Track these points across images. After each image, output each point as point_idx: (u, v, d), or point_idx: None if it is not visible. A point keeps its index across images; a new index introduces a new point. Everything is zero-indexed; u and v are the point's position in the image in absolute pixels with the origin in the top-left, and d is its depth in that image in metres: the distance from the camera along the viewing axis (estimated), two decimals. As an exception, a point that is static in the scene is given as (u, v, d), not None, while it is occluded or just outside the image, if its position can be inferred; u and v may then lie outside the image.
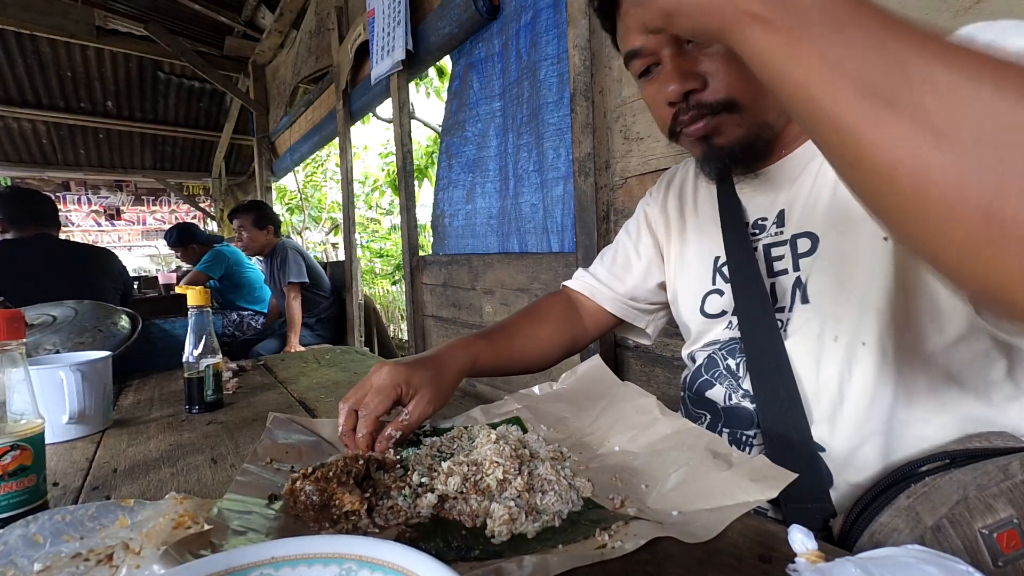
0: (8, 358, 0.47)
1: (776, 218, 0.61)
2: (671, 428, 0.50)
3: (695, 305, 0.68)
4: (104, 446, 0.69)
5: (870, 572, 0.23)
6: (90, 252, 2.01)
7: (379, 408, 0.56)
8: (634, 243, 0.81)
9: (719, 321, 0.65)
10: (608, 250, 0.85)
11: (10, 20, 3.40)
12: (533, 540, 0.40)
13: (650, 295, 0.80)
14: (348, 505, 0.43)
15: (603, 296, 0.80)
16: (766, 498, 0.37)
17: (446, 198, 2.16)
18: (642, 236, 0.80)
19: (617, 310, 0.80)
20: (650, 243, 0.79)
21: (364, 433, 0.55)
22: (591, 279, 0.82)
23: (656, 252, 0.79)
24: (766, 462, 0.41)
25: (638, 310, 0.81)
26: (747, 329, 0.58)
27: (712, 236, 0.68)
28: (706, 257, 0.69)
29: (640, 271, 0.79)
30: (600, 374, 0.65)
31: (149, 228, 8.92)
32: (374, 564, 0.27)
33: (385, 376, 0.57)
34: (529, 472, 0.47)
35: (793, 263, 0.58)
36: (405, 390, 0.57)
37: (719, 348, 0.64)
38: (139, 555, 0.36)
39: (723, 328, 0.64)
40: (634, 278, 0.80)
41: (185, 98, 5.10)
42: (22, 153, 5.44)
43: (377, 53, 2.28)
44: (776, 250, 0.60)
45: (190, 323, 0.80)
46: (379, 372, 0.58)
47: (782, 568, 0.27)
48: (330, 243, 7.68)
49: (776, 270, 0.59)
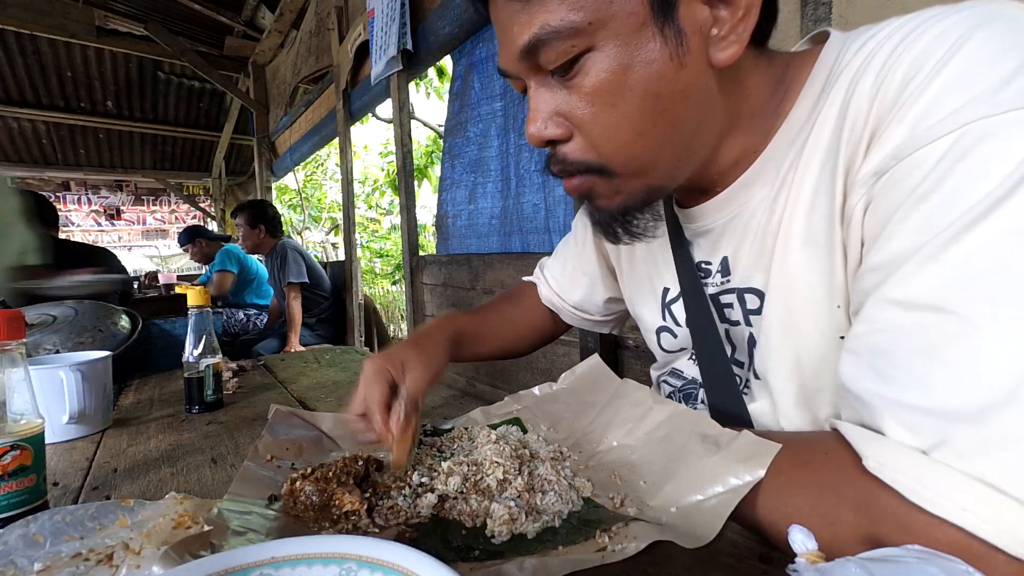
0: (8, 358, 0.47)
1: (720, 266, 0.53)
2: (664, 414, 0.50)
3: (653, 339, 0.65)
4: (104, 446, 0.69)
5: (870, 572, 0.23)
6: (88, 251, 2.02)
7: (377, 397, 0.54)
8: (581, 251, 0.75)
9: (681, 354, 0.62)
10: (564, 246, 0.80)
11: (10, 20, 3.40)
12: (533, 540, 0.40)
13: (600, 309, 0.76)
14: (348, 505, 0.43)
15: (558, 305, 0.79)
16: (755, 478, 0.37)
17: (449, 198, 2.16)
18: (587, 246, 0.74)
19: (572, 321, 0.79)
20: (594, 258, 0.73)
21: (381, 428, 0.52)
22: (545, 288, 0.80)
23: (602, 266, 0.73)
24: (752, 439, 0.40)
25: (592, 321, 0.78)
26: (710, 391, 0.54)
27: (659, 261, 0.61)
28: (655, 283, 0.62)
29: (585, 287, 0.75)
30: (599, 373, 0.65)
31: (149, 228, 8.91)
32: (374, 564, 0.27)
33: (371, 366, 0.56)
34: (529, 472, 0.47)
35: (744, 318, 0.51)
36: (395, 371, 0.56)
37: (679, 391, 0.61)
38: (139, 555, 0.36)
39: (687, 360, 0.61)
40: (581, 292, 0.76)
41: (185, 98, 5.10)
42: (22, 153, 5.44)
43: (376, 53, 2.29)
44: (725, 297, 0.53)
45: (190, 323, 0.80)
46: (365, 366, 0.57)
47: (782, 568, 0.27)
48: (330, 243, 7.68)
49: (730, 319, 0.53)
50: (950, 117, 0.32)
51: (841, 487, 0.33)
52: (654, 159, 0.44)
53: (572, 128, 0.44)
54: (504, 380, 1.93)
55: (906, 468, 0.30)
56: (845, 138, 0.39)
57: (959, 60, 0.33)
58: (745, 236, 0.49)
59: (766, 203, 0.47)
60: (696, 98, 0.42)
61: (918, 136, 0.33)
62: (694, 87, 0.41)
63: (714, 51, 0.41)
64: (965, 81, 0.32)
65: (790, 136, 0.45)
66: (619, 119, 0.41)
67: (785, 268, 0.45)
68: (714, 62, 0.41)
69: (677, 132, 0.43)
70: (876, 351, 0.33)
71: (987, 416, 0.28)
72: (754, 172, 0.48)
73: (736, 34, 0.40)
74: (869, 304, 0.35)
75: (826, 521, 0.33)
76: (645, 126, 0.42)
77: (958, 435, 0.28)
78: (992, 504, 0.27)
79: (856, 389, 0.34)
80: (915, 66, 0.35)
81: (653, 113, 0.41)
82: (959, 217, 0.30)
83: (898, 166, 0.34)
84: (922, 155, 0.33)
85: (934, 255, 0.31)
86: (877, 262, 0.35)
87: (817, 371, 0.44)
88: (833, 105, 0.41)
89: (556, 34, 0.39)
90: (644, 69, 0.40)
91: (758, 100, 0.47)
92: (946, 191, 0.31)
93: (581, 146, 0.44)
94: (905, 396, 0.31)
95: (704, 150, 0.47)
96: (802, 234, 0.43)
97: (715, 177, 0.50)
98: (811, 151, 0.43)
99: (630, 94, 0.40)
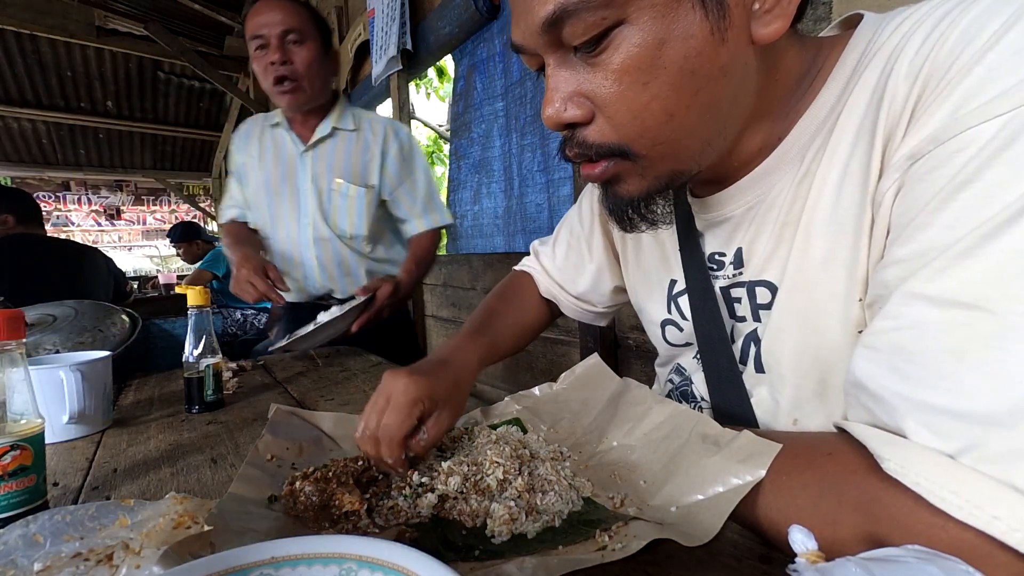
0: (8, 358, 0.47)
1: (734, 257, 0.51)
2: (664, 415, 0.50)
3: (657, 332, 0.62)
4: (104, 446, 0.69)
5: (871, 572, 0.23)
6: (76, 249, 2.01)
7: (404, 431, 0.48)
8: (587, 238, 0.71)
9: (686, 350, 0.60)
10: (562, 233, 0.76)
11: (10, 20, 3.41)
12: (533, 540, 0.40)
13: (604, 299, 0.74)
14: (348, 505, 0.43)
15: (558, 296, 0.77)
16: (756, 478, 0.37)
17: (457, 199, 2.17)
18: (595, 233, 0.71)
19: (571, 312, 0.77)
20: (602, 244, 0.70)
21: (392, 462, 0.49)
22: (544, 278, 0.78)
23: (609, 253, 0.70)
24: (751, 438, 0.39)
25: (593, 313, 0.77)
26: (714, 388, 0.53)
27: (668, 253, 0.59)
28: (662, 275, 0.60)
29: (592, 275, 0.72)
30: (599, 373, 0.64)
31: (149, 228, 8.92)
32: (374, 564, 0.27)
33: (403, 392, 0.49)
34: (529, 472, 0.47)
35: (753, 313, 0.49)
36: (428, 406, 0.50)
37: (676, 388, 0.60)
38: (139, 555, 0.36)
39: (691, 357, 0.59)
40: (586, 281, 0.73)
41: (185, 98, 5.10)
42: (22, 153, 5.44)
43: (377, 53, 2.29)
44: (735, 291, 0.51)
45: (190, 323, 0.80)
46: (395, 385, 0.50)
47: (782, 568, 0.27)
48: (330, 243, 7.67)
49: (736, 314, 0.51)
50: (1000, 98, 0.29)
51: (843, 488, 0.33)
52: (684, 142, 0.41)
53: (594, 109, 0.40)
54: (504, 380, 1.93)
55: (931, 473, 0.28)
56: (883, 117, 0.36)
57: (1013, 36, 0.30)
58: (763, 226, 0.47)
59: (788, 191, 0.44)
60: (734, 78, 0.39)
61: (962, 118, 0.30)
62: (733, 66, 0.38)
63: (757, 26, 0.38)
64: (1020, 59, 0.29)
65: (817, 120, 0.43)
66: (649, 99, 0.38)
67: (806, 260, 0.43)
68: (756, 38, 0.38)
69: (710, 113, 0.40)
70: (900, 349, 0.31)
71: (1019, 421, 0.26)
72: (776, 158, 0.45)
73: (781, 7, 0.37)
74: (895, 299, 0.33)
75: (827, 521, 0.33)
76: (677, 107, 0.38)
77: (989, 440, 0.27)
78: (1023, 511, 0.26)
79: (875, 388, 0.32)
80: (964, 39, 0.31)
81: (688, 93, 0.38)
82: (1002, 210, 0.28)
83: (936, 150, 0.32)
84: (965, 139, 0.30)
85: (971, 249, 0.29)
86: (904, 254, 0.33)
87: (838, 366, 0.42)
88: (866, 87, 0.38)
89: (585, 4, 0.36)
90: (681, 44, 0.36)
91: (790, 82, 0.44)
92: (989, 180, 0.29)
93: (602, 128, 0.41)
94: (931, 397, 0.29)
95: (733, 133, 0.44)
96: (827, 221, 0.41)
97: (736, 164, 0.47)
98: (839, 135, 0.40)
99: (664, 72, 0.37)
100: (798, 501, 0.35)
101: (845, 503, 0.32)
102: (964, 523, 0.27)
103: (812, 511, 0.34)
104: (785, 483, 0.36)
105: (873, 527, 0.31)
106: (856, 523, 0.32)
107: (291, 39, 1.15)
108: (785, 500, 0.36)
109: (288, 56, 1.15)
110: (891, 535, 0.30)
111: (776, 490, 0.36)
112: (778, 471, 0.36)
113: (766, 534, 0.37)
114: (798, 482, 0.36)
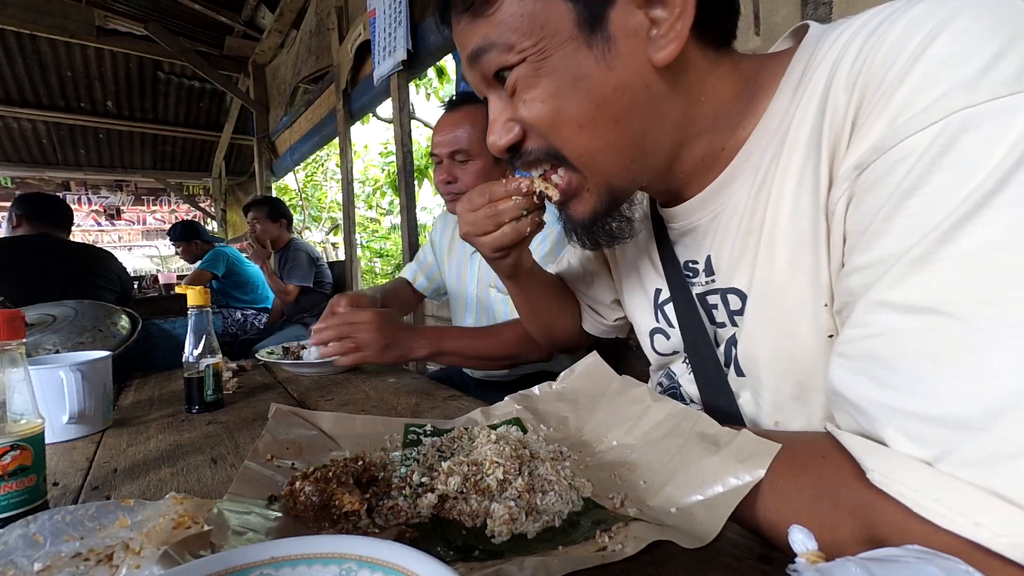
0: (8, 358, 0.47)
1: (705, 265, 0.54)
2: (663, 413, 0.50)
3: (646, 341, 0.65)
4: (104, 446, 0.69)
5: (871, 572, 0.23)
6: (86, 251, 2.01)
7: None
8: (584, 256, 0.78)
9: (674, 357, 0.62)
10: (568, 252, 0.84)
11: (10, 20, 3.40)
12: (533, 540, 0.40)
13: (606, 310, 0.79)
14: (348, 505, 0.43)
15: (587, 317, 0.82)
16: (755, 479, 0.37)
17: (453, 199, 2.16)
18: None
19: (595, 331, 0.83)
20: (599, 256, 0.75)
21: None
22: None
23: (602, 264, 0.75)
24: (751, 438, 0.39)
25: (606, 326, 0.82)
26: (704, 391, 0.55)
27: (649, 263, 0.62)
28: (647, 285, 0.63)
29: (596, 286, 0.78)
30: (598, 371, 0.64)
31: (149, 228, 8.92)
32: (374, 564, 0.27)
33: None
34: (529, 472, 0.47)
35: (729, 318, 0.52)
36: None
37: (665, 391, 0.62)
38: (139, 555, 0.36)
39: (681, 363, 0.61)
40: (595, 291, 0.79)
41: (185, 98, 5.09)
42: (22, 153, 5.44)
43: (379, 53, 2.29)
44: (711, 298, 0.54)
45: (190, 323, 0.80)
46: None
47: (782, 568, 0.27)
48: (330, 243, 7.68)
49: (716, 320, 0.54)
50: (932, 107, 0.31)
51: (838, 493, 0.33)
52: (604, 155, 0.47)
53: (524, 129, 0.48)
54: (504, 380, 1.92)
55: (912, 481, 0.28)
56: (827, 128, 0.38)
57: (939, 45, 0.31)
58: (727, 233, 0.50)
59: (747, 200, 0.47)
60: (637, 97, 0.44)
61: (899, 128, 0.32)
62: (630, 86, 0.44)
63: (653, 51, 0.43)
64: (947, 68, 0.31)
65: (769, 131, 0.45)
66: (555, 114, 0.45)
67: (772, 268, 0.45)
68: (655, 61, 0.43)
69: (620, 129, 0.45)
70: (872, 357, 0.32)
71: (994, 424, 0.26)
72: (733, 169, 0.49)
73: (675, 31, 0.42)
74: (860, 307, 0.34)
75: (824, 524, 0.33)
76: (584, 120, 0.45)
77: (964, 444, 0.27)
78: (1005, 516, 0.26)
79: (852, 397, 0.33)
80: (894, 51, 0.33)
81: (589, 108, 0.44)
82: (949, 214, 0.29)
83: (880, 160, 0.33)
84: (905, 147, 0.32)
85: (927, 255, 0.30)
86: (864, 261, 0.34)
87: (814, 369, 0.43)
88: (812, 98, 0.40)
89: (493, 46, 0.45)
90: (567, 72, 0.44)
91: (720, 100, 0.47)
92: (933, 186, 0.30)
93: (534, 139, 0.49)
94: (907, 404, 0.30)
95: (662, 150, 0.48)
96: (788, 231, 0.43)
97: (683, 177, 0.52)
98: (791, 146, 0.42)
99: (560, 93, 0.44)
100: (795, 504, 0.35)
101: (841, 507, 0.32)
102: (949, 531, 0.27)
103: (810, 514, 0.34)
104: (782, 485, 0.36)
105: (870, 531, 0.31)
106: (853, 527, 0.32)
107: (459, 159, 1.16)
108: (783, 502, 0.36)
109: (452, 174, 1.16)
110: (888, 539, 0.30)
111: (774, 492, 0.37)
112: (775, 473, 0.37)
113: (766, 535, 0.37)
114: (794, 485, 0.36)
